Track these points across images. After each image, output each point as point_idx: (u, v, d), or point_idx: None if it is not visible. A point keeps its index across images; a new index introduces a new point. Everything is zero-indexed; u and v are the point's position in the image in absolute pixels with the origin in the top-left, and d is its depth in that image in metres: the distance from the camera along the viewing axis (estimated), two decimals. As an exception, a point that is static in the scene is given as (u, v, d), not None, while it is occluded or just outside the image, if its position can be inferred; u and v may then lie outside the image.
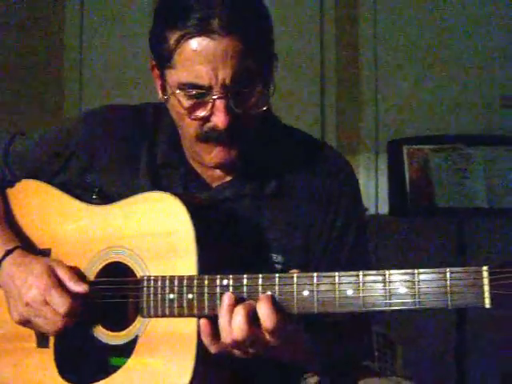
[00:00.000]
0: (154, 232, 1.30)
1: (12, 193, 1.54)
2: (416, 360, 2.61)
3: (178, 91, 1.30)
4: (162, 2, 1.33)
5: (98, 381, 1.33)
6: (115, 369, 1.32)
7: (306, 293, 1.12)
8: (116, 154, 1.46)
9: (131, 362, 1.30)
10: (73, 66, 3.36)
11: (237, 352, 1.20)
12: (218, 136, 1.31)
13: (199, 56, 1.26)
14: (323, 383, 1.39)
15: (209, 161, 1.36)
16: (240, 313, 1.16)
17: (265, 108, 1.32)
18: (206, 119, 1.31)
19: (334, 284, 1.10)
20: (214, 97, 1.27)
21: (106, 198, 1.43)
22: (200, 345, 1.22)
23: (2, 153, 1.54)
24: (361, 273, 1.08)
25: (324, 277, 1.11)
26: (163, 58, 1.31)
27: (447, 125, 3.11)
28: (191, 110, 1.31)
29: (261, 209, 1.39)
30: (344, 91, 3.25)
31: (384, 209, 2.85)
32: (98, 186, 1.45)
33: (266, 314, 1.14)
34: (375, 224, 2.82)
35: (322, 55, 3.25)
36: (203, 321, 1.20)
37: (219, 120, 1.28)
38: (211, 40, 1.24)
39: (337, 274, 1.11)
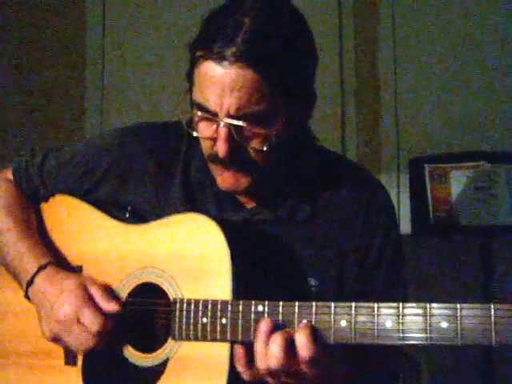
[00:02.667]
0: (189, 254, 1.30)
1: (45, 208, 1.55)
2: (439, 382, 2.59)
3: (195, 108, 1.30)
4: (205, 20, 1.30)
5: None
6: None
7: (343, 323, 1.10)
8: (150, 172, 1.45)
9: None
10: (94, 72, 3.36)
11: (270, 380, 1.19)
12: (221, 161, 1.30)
13: (209, 80, 1.24)
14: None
15: (219, 183, 1.35)
16: (277, 340, 1.14)
17: (265, 149, 1.27)
18: (214, 141, 1.29)
19: (373, 315, 1.08)
20: (220, 124, 1.26)
21: (140, 216, 1.42)
22: (231, 371, 1.21)
23: (36, 168, 1.55)
24: (401, 305, 1.07)
25: (362, 307, 1.10)
26: (188, 73, 1.31)
27: (469, 142, 3.06)
28: (202, 129, 1.31)
29: (295, 232, 1.37)
30: (364, 109, 3.22)
31: (407, 228, 2.82)
32: (131, 203, 1.44)
33: (303, 344, 1.13)
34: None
35: (342, 72, 3.23)
36: (238, 347, 1.19)
37: (219, 147, 1.27)
38: (221, 67, 1.22)
39: (376, 305, 1.09)
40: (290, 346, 1.14)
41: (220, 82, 1.23)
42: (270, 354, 1.14)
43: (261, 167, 1.31)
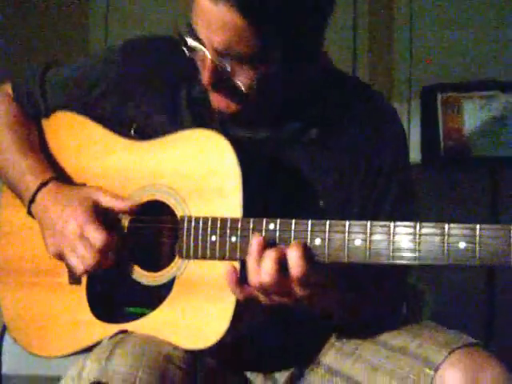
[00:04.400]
0: (198, 171, 1.26)
1: (47, 124, 1.50)
2: (443, 312, 2.59)
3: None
4: None
5: (131, 321, 1.30)
6: (147, 310, 1.29)
7: (357, 242, 1.07)
8: (155, 87, 1.40)
9: (167, 303, 1.27)
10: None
11: (262, 298, 1.17)
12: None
13: (200, 14, 1.20)
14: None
15: (212, 102, 1.32)
16: (269, 257, 1.12)
17: (250, 86, 1.23)
18: (202, 63, 1.26)
19: (389, 234, 1.04)
20: (207, 55, 1.22)
21: (145, 133, 1.37)
22: None
23: (36, 83, 1.49)
24: (418, 224, 1.03)
25: (378, 226, 1.06)
26: None
27: (484, 71, 2.98)
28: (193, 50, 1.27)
29: (301, 153, 1.34)
30: (377, 36, 3.14)
31: (416, 158, 2.78)
32: (136, 120, 1.39)
33: (295, 262, 1.11)
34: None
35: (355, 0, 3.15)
36: (231, 266, 1.17)
37: (204, 76, 1.24)
38: (213, 4, 1.17)
39: (392, 223, 1.05)
40: (283, 263, 1.12)
41: (208, 18, 1.19)
42: (262, 269, 1.12)
43: (250, 98, 1.26)
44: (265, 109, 1.34)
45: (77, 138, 1.45)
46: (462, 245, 1.00)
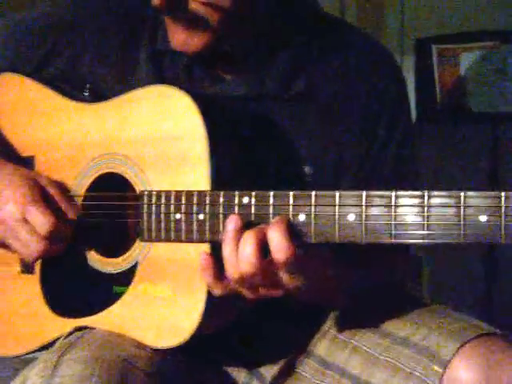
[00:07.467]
0: (158, 136, 1.08)
1: None
2: (443, 285, 2.48)
3: None
4: None
5: (91, 314, 1.14)
6: (110, 301, 1.13)
7: (351, 217, 0.88)
8: (113, 42, 1.23)
9: (129, 294, 1.11)
10: None
11: (245, 293, 0.99)
12: (161, 12, 1.12)
13: None
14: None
15: (172, 42, 1.15)
16: (248, 241, 0.94)
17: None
18: None
19: (390, 206, 0.85)
20: None
21: (101, 94, 1.20)
22: None
23: None
24: (426, 193, 0.84)
25: (376, 196, 0.87)
26: None
27: (482, 21, 2.80)
28: None
29: (285, 111, 1.17)
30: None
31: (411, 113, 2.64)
32: (90, 80, 1.23)
33: (277, 244, 0.92)
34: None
35: None
36: (205, 254, 0.99)
37: None
38: None
39: (393, 193, 0.86)
40: (265, 247, 0.94)
41: None
42: (240, 257, 0.94)
43: (214, 25, 1.09)
44: (234, 48, 1.16)
45: (23, 103, 1.28)
46: (483, 218, 0.81)
